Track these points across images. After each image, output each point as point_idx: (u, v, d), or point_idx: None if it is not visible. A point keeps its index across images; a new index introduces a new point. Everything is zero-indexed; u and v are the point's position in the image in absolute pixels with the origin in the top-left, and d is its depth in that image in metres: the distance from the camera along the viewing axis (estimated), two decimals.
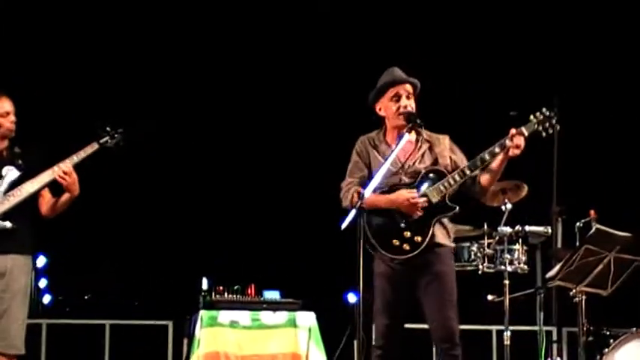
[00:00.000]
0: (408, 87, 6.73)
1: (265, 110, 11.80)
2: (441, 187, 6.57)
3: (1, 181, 7.00)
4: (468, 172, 6.58)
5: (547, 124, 6.65)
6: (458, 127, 6.93)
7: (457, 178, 6.56)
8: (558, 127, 6.72)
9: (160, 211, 11.85)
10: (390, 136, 6.77)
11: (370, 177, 6.57)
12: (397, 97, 6.70)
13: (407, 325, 6.76)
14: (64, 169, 6.94)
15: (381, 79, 6.79)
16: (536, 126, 6.63)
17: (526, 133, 6.58)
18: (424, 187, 6.58)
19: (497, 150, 6.53)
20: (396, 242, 6.51)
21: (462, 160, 6.74)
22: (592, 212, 7.58)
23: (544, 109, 6.66)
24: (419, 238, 6.50)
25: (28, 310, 7.11)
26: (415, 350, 7.30)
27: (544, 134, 6.67)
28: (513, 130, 6.57)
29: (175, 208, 11.88)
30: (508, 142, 6.54)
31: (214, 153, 11.87)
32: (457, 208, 6.59)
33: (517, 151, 6.53)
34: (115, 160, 7.38)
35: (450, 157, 6.74)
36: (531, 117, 6.66)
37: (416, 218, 6.52)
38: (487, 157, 6.55)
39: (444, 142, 6.79)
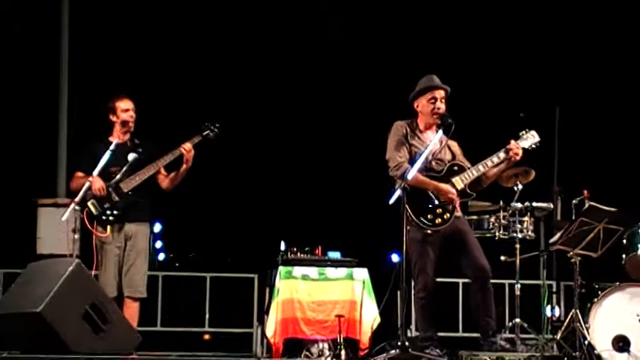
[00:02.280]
0: (442, 92, 6.77)
1: (333, 99, 11.78)
2: (464, 178, 6.64)
3: (127, 164, 7.08)
4: (482, 168, 6.71)
5: (532, 142, 6.84)
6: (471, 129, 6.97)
7: (474, 172, 6.68)
8: (539, 145, 6.81)
9: (251, 190, 11.91)
10: (421, 127, 6.82)
11: (411, 158, 6.61)
12: (434, 100, 6.75)
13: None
14: (187, 147, 7.08)
15: (420, 82, 6.85)
16: (526, 141, 6.79)
17: (522, 146, 6.68)
18: (452, 177, 6.65)
19: (502, 154, 6.70)
20: (430, 216, 6.56)
21: (466, 161, 6.83)
22: (585, 192, 7.52)
23: (528, 129, 6.78)
24: (447, 215, 6.61)
25: (148, 265, 7.21)
26: (442, 300, 7.27)
27: (529, 149, 6.80)
28: (513, 142, 6.71)
29: (262, 187, 11.93)
30: (511, 149, 6.70)
31: (294, 147, 11.89)
32: (474, 194, 6.70)
33: (516, 158, 6.72)
34: (216, 149, 7.42)
35: (461, 157, 6.84)
36: (521, 133, 6.78)
37: (449, 206, 6.59)
38: (495, 159, 6.68)
39: (455, 145, 6.87)
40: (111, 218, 6.99)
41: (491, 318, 6.64)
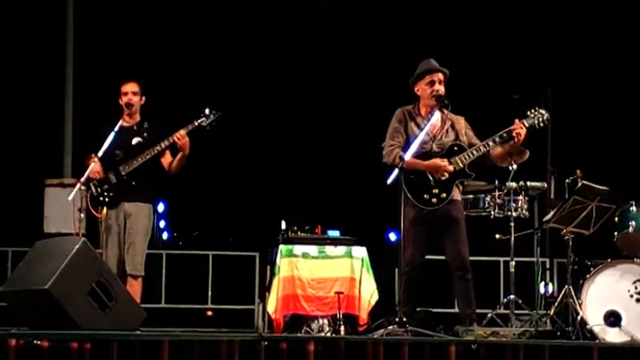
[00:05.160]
0: (441, 75, 6.76)
1: (332, 81, 11.75)
2: (463, 159, 6.63)
3: (131, 148, 7.09)
4: (483, 149, 6.67)
5: (541, 119, 6.71)
6: (471, 109, 6.95)
7: (475, 152, 6.64)
8: (548, 122, 6.77)
9: (252, 171, 11.91)
10: (422, 111, 6.81)
11: (407, 142, 6.61)
12: (432, 83, 6.75)
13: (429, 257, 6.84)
14: (180, 134, 7.03)
15: (419, 66, 6.82)
16: (533, 120, 6.68)
17: (527, 125, 6.65)
18: (451, 157, 6.65)
19: (505, 135, 6.58)
20: (426, 196, 6.58)
21: (473, 137, 6.80)
22: (578, 171, 7.51)
23: (538, 108, 6.73)
24: (444, 195, 6.59)
25: (152, 244, 7.23)
26: (437, 276, 7.28)
27: (537, 127, 6.73)
28: (517, 122, 6.61)
29: (263, 168, 11.93)
30: (514, 130, 6.61)
31: (295, 127, 11.87)
32: (473, 174, 6.68)
33: (520, 138, 6.61)
34: (218, 130, 7.40)
35: (466, 134, 6.79)
36: (529, 112, 6.71)
37: (442, 179, 6.58)
38: (497, 139, 6.62)
39: (460, 121, 6.87)
40: (106, 199, 7.02)
41: (469, 307, 6.66)
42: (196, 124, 7.19)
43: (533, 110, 6.75)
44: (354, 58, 11.63)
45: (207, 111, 7.24)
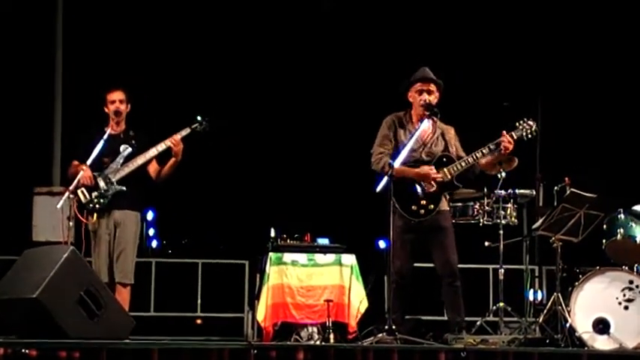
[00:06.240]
0: (432, 86, 6.79)
1: (321, 88, 11.73)
2: (452, 170, 6.66)
3: (120, 155, 7.10)
4: (471, 160, 6.73)
5: (529, 131, 6.75)
6: (460, 117, 6.98)
7: (463, 164, 6.69)
8: (537, 134, 6.81)
9: (241, 178, 11.89)
10: (414, 118, 6.84)
11: (397, 149, 6.63)
12: (420, 92, 6.76)
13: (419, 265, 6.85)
14: (175, 139, 7.03)
15: (414, 75, 6.85)
16: (521, 132, 6.72)
17: (515, 137, 6.69)
18: (440, 168, 6.67)
19: (492, 147, 6.62)
20: (414, 207, 6.61)
21: (460, 149, 6.86)
22: (567, 179, 7.53)
23: (526, 119, 6.77)
24: (432, 206, 6.64)
25: (141, 252, 7.21)
26: (427, 284, 7.28)
27: (525, 139, 6.78)
28: (505, 135, 6.66)
29: (253, 175, 11.91)
30: (502, 142, 6.67)
31: (283, 135, 11.86)
32: (461, 185, 6.72)
33: (508, 150, 6.71)
34: (208, 138, 7.39)
35: (455, 145, 6.84)
36: (517, 124, 6.76)
37: (431, 191, 6.60)
38: (485, 151, 6.66)
39: (450, 132, 6.90)
40: (97, 206, 7.00)
41: (458, 315, 6.70)
42: (190, 129, 7.21)
43: (521, 122, 6.80)
44: (342, 63, 11.63)
45: (199, 117, 7.27)
